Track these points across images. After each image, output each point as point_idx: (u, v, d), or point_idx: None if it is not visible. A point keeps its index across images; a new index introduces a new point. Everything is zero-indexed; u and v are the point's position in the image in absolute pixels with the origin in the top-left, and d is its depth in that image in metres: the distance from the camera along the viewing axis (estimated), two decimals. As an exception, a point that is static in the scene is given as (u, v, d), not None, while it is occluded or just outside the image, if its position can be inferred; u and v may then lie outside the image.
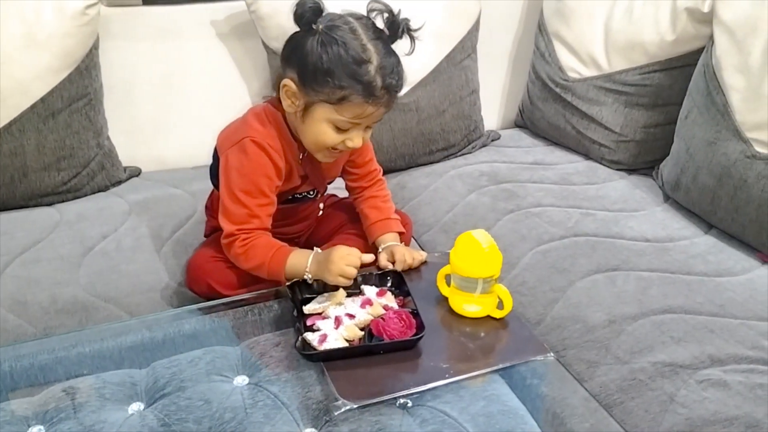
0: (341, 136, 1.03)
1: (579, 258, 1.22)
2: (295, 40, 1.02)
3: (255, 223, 1.07)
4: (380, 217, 1.21)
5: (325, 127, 1.03)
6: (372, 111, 1.01)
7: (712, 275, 1.18)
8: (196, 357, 0.94)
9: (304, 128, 1.05)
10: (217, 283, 1.09)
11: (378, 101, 1.00)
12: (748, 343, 1.01)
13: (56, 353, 0.94)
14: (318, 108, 1.01)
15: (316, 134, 1.04)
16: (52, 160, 1.36)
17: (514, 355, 0.94)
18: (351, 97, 0.98)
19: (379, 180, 1.26)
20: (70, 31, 1.33)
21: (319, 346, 0.92)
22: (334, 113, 1.01)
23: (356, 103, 0.99)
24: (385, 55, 1.00)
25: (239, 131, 1.07)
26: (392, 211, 1.24)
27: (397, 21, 1.02)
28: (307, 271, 1.03)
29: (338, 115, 1.01)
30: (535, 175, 1.54)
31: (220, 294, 1.09)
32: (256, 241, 1.06)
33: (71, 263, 1.20)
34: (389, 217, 1.22)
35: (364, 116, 1.02)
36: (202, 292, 1.11)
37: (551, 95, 1.67)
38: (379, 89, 0.99)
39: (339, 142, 1.04)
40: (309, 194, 1.18)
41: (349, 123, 1.02)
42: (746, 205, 1.22)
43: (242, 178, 1.05)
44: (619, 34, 1.52)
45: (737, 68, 1.24)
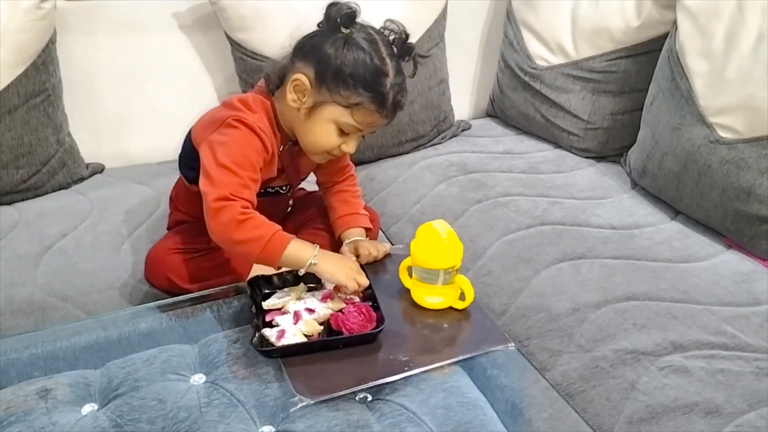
0: (340, 140, 1.05)
1: (545, 247, 1.21)
2: (318, 37, 1.03)
3: (247, 194, 0.99)
4: (348, 212, 1.20)
5: (330, 129, 1.03)
6: (378, 121, 1.04)
7: (677, 261, 1.18)
8: (152, 356, 0.92)
9: (306, 126, 1.04)
10: (176, 276, 1.07)
11: (387, 113, 1.03)
12: (710, 329, 1.01)
13: (8, 355, 0.92)
14: (328, 108, 1.02)
15: (319, 135, 1.04)
16: (10, 158, 1.33)
17: (475, 346, 0.93)
18: (365, 104, 1.00)
19: (351, 175, 1.25)
20: (25, 26, 1.30)
21: (277, 342, 0.91)
22: (344, 116, 1.02)
23: (369, 110, 1.01)
24: (397, 73, 1.03)
25: (223, 114, 1.03)
26: (361, 207, 1.22)
27: (410, 46, 1.06)
28: (313, 261, 0.97)
29: (348, 118, 1.02)
30: (505, 165, 1.54)
31: (178, 287, 1.07)
32: (256, 215, 0.99)
33: (29, 263, 1.18)
34: (357, 212, 1.21)
35: (370, 124, 1.04)
36: (160, 286, 1.09)
37: (520, 84, 1.66)
38: (390, 103, 1.02)
39: (336, 145, 1.05)
40: (282, 189, 1.17)
41: (355, 128, 1.03)
42: (710, 190, 1.22)
43: (230, 149, 0.99)
44: (585, 21, 1.51)
45: (700, 53, 1.23)
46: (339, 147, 1.05)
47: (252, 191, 1.01)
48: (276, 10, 1.45)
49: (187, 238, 1.13)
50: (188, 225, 1.17)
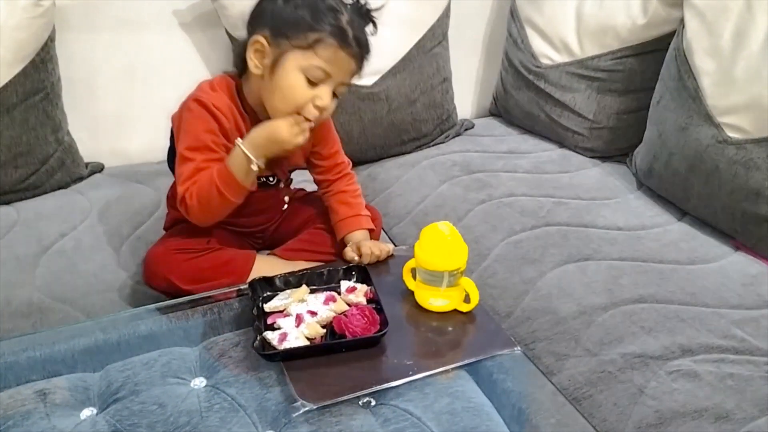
0: (311, 91, 1.00)
1: (550, 248, 1.20)
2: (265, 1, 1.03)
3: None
4: (349, 214, 1.17)
5: (296, 78, 0.99)
6: (345, 61, 1.00)
7: (685, 263, 1.16)
8: (152, 359, 0.90)
9: (272, 87, 1.01)
10: (176, 277, 1.05)
11: (350, 50, 1.00)
12: (719, 332, 0.99)
13: (5, 358, 0.91)
14: (289, 57, 0.99)
15: (286, 88, 1.00)
16: (9, 157, 1.31)
17: (481, 350, 0.91)
18: (325, 39, 0.98)
19: (347, 174, 1.22)
20: (23, 24, 1.29)
21: (279, 345, 0.89)
22: (307, 58, 0.98)
23: (330, 45, 0.98)
24: (354, 13, 1.02)
25: (186, 99, 1.06)
26: (362, 207, 1.20)
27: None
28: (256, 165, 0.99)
29: (312, 59, 0.98)
30: (509, 164, 1.52)
31: (178, 289, 1.05)
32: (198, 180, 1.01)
33: (27, 264, 1.16)
34: (359, 213, 1.18)
35: (339, 66, 1.00)
36: (160, 288, 1.08)
37: (524, 82, 1.64)
38: (352, 38, 1.00)
39: (308, 99, 1.00)
40: (269, 180, 1.15)
41: (321, 71, 0.99)
42: (718, 191, 1.20)
43: (186, 136, 1.03)
44: (591, 19, 1.50)
45: (708, 52, 1.22)
46: (312, 103, 1.00)
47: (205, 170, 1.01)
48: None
49: (186, 239, 1.11)
50: (186, 225, 1.15)
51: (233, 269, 1.09)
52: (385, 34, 1.51)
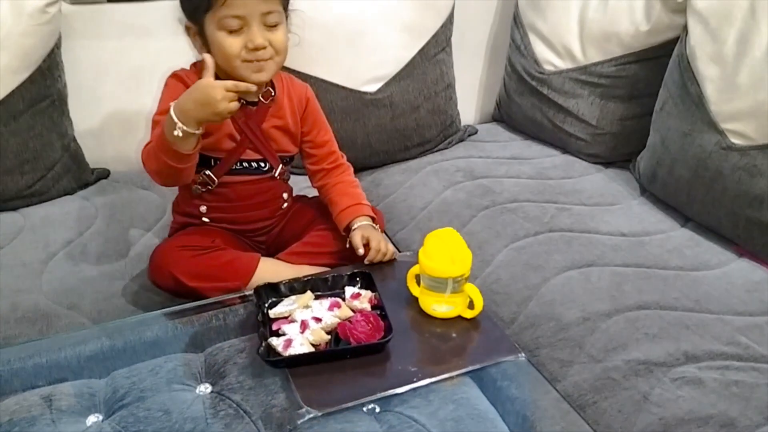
0: (240, 39, 1.02)
1: (554, 254, 1.20)
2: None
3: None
4: (350, 203, 1.17)
5: (221, 36, 1.02)
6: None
7: (688, 269, 1.16)
8: (158, 365, 0.91)
9: (214, 54, 1.03)
10: (180, 273, 1.05)
11: None
12: (723, 339, 0.99)
13: (12, 365, 0.91)
14: (207, 24, 1.03)
15: (219, 48, 1.03)
16: (15, 164, 1.32)
17: (485, 357, 0.92)
18: None
19: (342, 164, 1.23)
20: (29, 30, 1.29)
21: (284, 351, 0.90)
22: (215, 16, 1.01)
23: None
24: None
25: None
26: (363, 197, 1.20)
27: None
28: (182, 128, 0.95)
29: (218, 13, 1.00)
30: (512, 170, 1.52)
31: (183, 285, 1.05)
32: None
33: (34, 270, 1.17)
34: (360, 202, 1.18)
35: (244, 4, 1.00)
36: (165, 285, 1.08)
37: (527, 88, 1.65)
38: None
39: (242, 46, 1.02)
40: (261, 165, 1.14)
41: (235, 18, 1.01)
42: (722, 197, 1.20)
43: (160, 105, 1.06)
44: (594, 25, 1.50)
45: (711, 58, 1.22)
46: (247, 47, 1.02)
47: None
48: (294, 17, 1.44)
49: (191, 237, 1.12)
50: (192, 227, 1.16)
51: (237, 269, 1.09)
52: (388, 41, 1.54)
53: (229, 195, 1.14)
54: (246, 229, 1.18)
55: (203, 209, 1.15)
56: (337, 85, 1.50)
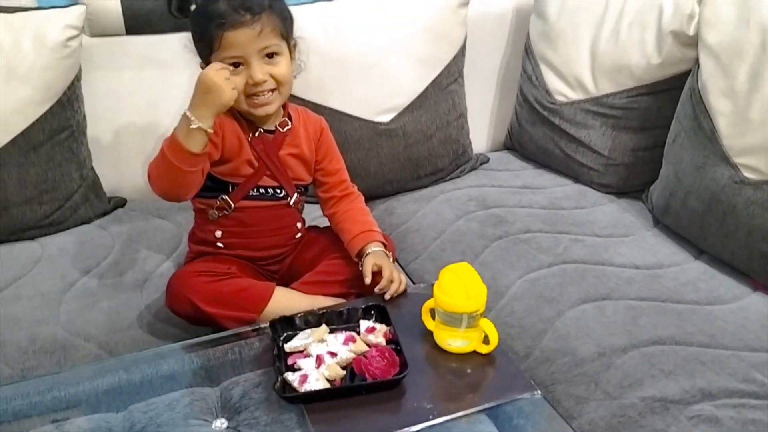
0: (243, 76, 1.05)
1: (568, 286, 1.20)
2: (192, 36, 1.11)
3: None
4: (362, 229, 1.19)
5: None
6: (242, 37, 1.03)
7: (703, 303, 1.16)
8: (174, 400, 0.91)
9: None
10: (197, 298, 1.06)
11: (234, 24, 1.03)
12: (739, 376, 0.99)
13: (30, 398, 0.92)
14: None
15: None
16: (34, 194, 1.34)
17: (501, 394, 0.92)
18: (211, 35, 1.04)
19: (352, 192, 1.26)
20: (51, 64, 1.32)
21: (300, 387, 0.90)
22: (218, 58, 1.05)
23: (218, 37, 1.04)
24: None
25: None
26: (374, 224, 1.22)
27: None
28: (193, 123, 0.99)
29: (220, 57, 1.04)
30: (524, 200, 1.53)
31: (201, 311, 1.06)
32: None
33: (52, 300, 1.18)
34: (371, 229, 1.20)
35: (239, 45, 1.04)
36: (182, 311, 1.09)
37: (539, 118, 1.66)
38: (229, 13, 1.03)
39: (243, 83, 1.05)
40: (277, 192, 1.16)
41: (233, 58, 1.04)
42: (736, 231, 1.20)
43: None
44: (605, 57, 1.51)
45: (723, 92, 1.23)
46: (247, 83, 1.06)
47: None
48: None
49: (207, 264, 1.14)
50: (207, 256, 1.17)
51: (253, 296, 1.10)
52: (402, 73, 1.56)
53: (244, 220, 1.15)
54: (260, 257, 1.20)
55: (218, 234, 1.16)
56: (351, 116, 1.52)
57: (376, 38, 1.53)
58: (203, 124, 0.99)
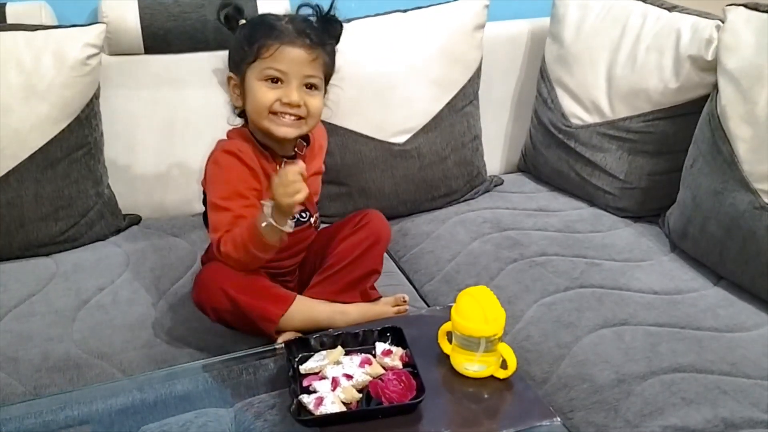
0: (277, 92, 1.06)
1: (585, 311, 1.19)
2: (230, 45, 1.13)
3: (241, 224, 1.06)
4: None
5: (258, 86, 1.07)
6: (292, 54, 1.05)
7: (723, 330, 1.14)
8: (188, 420, 0.91)
9: (247, 105, 1.09)
10: (230, 287, 1.04)
11: (294, 42, 1.05)
12: (762, 406, 0.97)
13: (44, 416, 0.92)
14: (249, 74, 1.08)
15: (252, 98, 1.07)
16: (50, 210, 1.34)
17: (519, 420, 0.90)
18: (266, 43, 1.05)
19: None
20: (70, 82, 1.33)
21: (315, 410, 0.89)
22: (258, 67, 1.06)
23: (270, 46, 1.05)
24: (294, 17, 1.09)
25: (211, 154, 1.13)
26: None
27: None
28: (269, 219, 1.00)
29: (261, 65, 1.05)
30: (539, 222, 1.52)
31: (232, 299, 1.04)
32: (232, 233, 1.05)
33: (65, 317, 1.18)
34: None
35: (286, 60, 1.05)
36: (212, 302, 1.06)
37: (554, 141, 1.65)
38: (292, 32, 1.06)
39: (276, 98, 1.06)
40: (302, 217, 1.17)
41: (275, 71, 1.05)
42: (756, 258, 1.19)
43: (219, 186, 1.08)
44: (622, 81, 1.51)
45: (743, 118, 1.22)
46: (280, 100, 1.06)
47: (247, 217, 1.05)
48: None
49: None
50: None
51: (278, 293, 1.09)
52: (417, 95, 1.56)
53: None
54: (277, 273, 1.19)
55: None
56: (366, 137, 1.52)
57: (391, 60, 1.53)
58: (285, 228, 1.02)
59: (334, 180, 1.51)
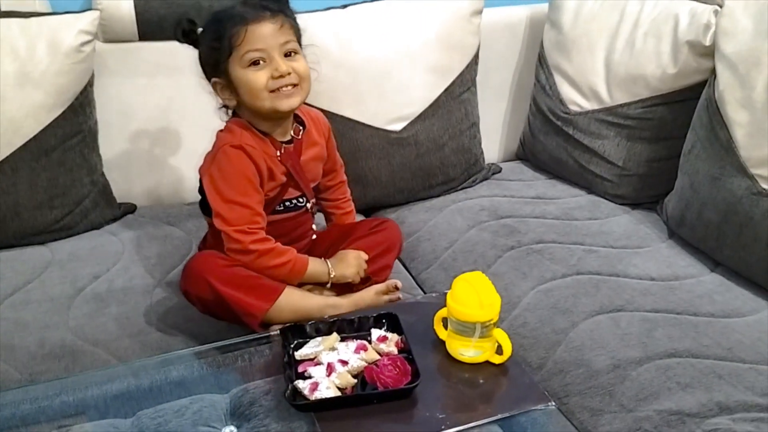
0: (265, 71, 1.06)
1: (582, 297, 1.19)
2: (199, 56, 1.13)
3: (261, 222, 1.09)
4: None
5: (246, 73, 1.06)
6: (260, 29, 1.05)
7: (719, 316, 1.14)
8: (183, 406, 0.90)
9: (243, 96, 1.09)
10: (215, 279, 1.04)
11: (254, 19, 1.05)
12: (757, 390, 0.97)
13: (39, 402, 0.92)
14: (231, 69, 1.07)
15: (248, 85, 1.07)
16: (45, 199, 1.34)
17: (514, 405, 0.90)
18: (231, 32, 1.05)
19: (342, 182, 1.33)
20: (64, 69, 1.32)
21: (310, 395, 0.89)
22: (238, 56, 1.06)
23: (237, 32, 1.05)
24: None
25: (214, 149, 1.12)
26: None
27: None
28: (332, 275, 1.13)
29: (239, 53, 1.05)
30: (537, 210, 1.51)
31: (216, 292, 1.04)
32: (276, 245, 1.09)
33: (61, 305, 1.18)
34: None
35: (258, 38, 1.05)
36: (197, 292, 1.06)
37: (552, 128, 1.65)
38: (250, 11, 1.06)
39: (268, 77, 1.06)
40: (299, 201, 1.18)
41: (254, 52, 1.05)
42: (753, 243, 1.19)
43: (232, 182, 1.08)
44: (620, 67, 1.50)
45: (741, 103, 1.21)
46: (272, 76, 1.06)
47: (262, 215, 1.10)
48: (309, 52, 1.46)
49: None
50: None
51: (268, 285, 1.08)
52: (414, 82, 1.55)
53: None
54: None
55: None
56: (363, 124, 1.51)
57: (388, 46, 1.52)
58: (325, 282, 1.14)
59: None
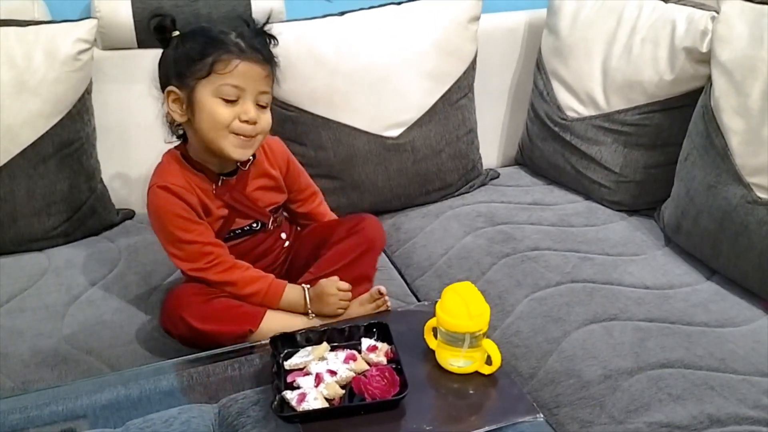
0: (234, 109, 1.04)
1: (575, 306, 1.18)
2: (164, 57, 1.10)
3: (213, 251, 1.10)
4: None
5: (213, 102, 1.04)
6: (248, 69, 1.04)
7: (714, 325, 1.13)
8: (171, 416, 0.91)
9: (199, 122, 1.06)
10: (188, 315, 1.05)
11: (248, 57, 1.04)
12: (749, 402, 0.96)
13: (29, 412, 0.92)
14: (199, 89, 1.04)
15: (208, 115, 1.04)
16: (43, 206, 1.35)
17: (502, 416, 0.90)
18: (220, 57, 1.03)
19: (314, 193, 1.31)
20: (62, 77, 1.33)
21: (298, 406, 0.89)
22: (213, 82, 1.03)
23: (225, 61, 1.03)
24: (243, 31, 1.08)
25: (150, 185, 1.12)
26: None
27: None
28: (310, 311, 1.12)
29: (217, 81, 1.03)
30: (533, 216, 1.51)
31: (194, 329, 1.05)
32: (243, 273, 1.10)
33: (56, 313, 1.18)
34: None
35: (243, 76, 1.04)
36: (176, 330, 1.07)
37: (550, 134, 1.64)
38: (245, 46, 1.05)
39: (234, 116, 1.04)
40: (253, 226, 1.17)
41: (231, 87, 1.03)
42: (748, 252, 1.18)
43: (170, 222, 1.08)
44: (617, 74, 1.49)
45: (736, 111, 1.20)
46: (238, 118, 1.04)
47: (215, 243, 1.10)
48: (306, 59, 1.47)
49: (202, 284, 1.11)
50: None
51: (246, 311, 1.09)
52: (411, 87, 1.55)
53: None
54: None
55: None
56: (359, 130, 1.51)
57: (385, 53, 1.52)
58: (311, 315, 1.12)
59: (326, 174, 1.50)
